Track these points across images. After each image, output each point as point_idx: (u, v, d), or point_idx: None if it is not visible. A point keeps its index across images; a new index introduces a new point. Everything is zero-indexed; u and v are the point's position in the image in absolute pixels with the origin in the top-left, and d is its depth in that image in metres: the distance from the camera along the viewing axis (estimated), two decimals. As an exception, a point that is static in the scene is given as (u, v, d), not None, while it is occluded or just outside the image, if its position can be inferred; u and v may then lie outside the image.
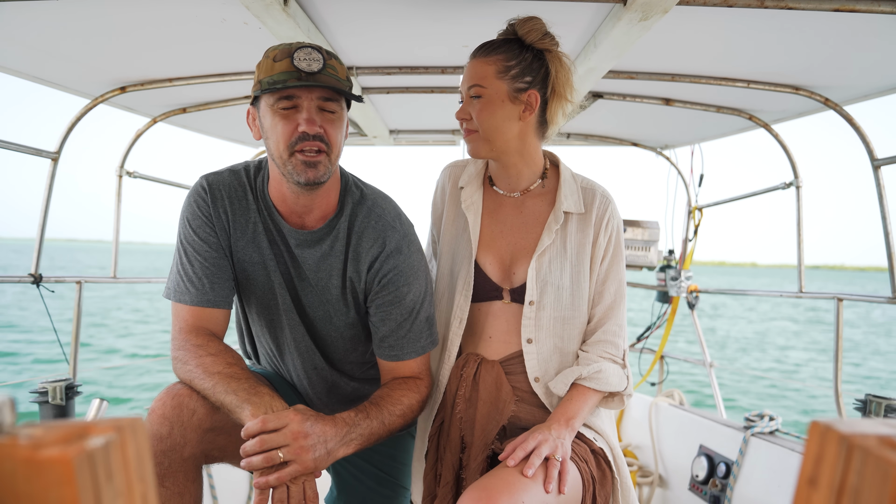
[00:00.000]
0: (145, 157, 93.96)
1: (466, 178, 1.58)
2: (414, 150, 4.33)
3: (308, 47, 1.26)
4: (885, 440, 0.32)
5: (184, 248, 1.40)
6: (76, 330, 2.59)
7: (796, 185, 2.82)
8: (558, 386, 1.43)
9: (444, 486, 1.43)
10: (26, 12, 1.69)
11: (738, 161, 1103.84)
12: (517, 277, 1.48)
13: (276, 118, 1.28)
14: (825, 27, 1.70)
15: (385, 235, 1.43)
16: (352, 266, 1.44)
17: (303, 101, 1.27)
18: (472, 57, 1.43)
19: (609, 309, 1.48)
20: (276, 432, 1.16)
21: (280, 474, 1.15)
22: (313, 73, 1.24)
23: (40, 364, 10.87)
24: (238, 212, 1.41)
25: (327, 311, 1.48)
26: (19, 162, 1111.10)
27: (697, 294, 3.54)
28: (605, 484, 1.39)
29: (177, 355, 1.34)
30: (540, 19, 1.40)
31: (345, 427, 1.26)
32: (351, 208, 1.44)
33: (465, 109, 1.43)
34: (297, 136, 1.26)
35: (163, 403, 1.26)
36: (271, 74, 1.25)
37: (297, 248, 1.43)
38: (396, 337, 1.45)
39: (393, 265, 1.42)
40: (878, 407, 2.15)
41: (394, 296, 1.43)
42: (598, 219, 1.48)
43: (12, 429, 0.32)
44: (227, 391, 1.23)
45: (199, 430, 1.27)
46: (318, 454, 1.20)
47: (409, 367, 1.48)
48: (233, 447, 1.34)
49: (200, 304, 1.37)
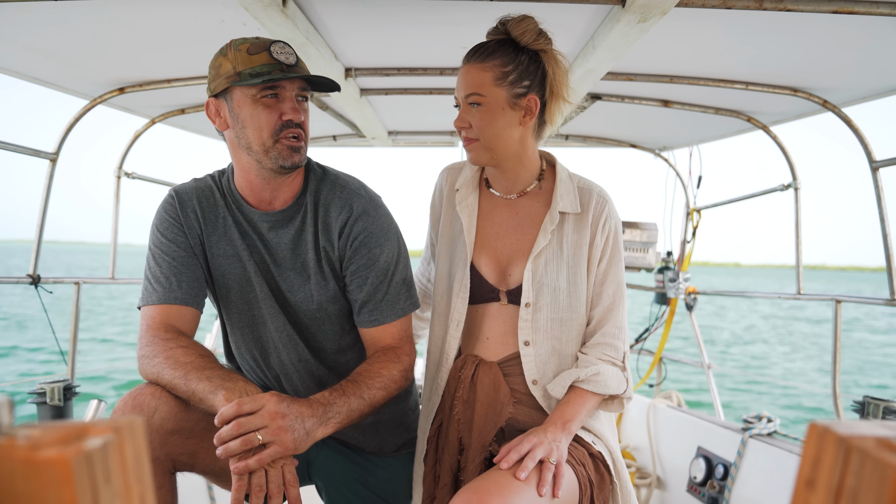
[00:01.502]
0: (144, 158, 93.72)
1: (462, 180, 1.57)
2: (412, 151, 4.34)
3: (279, 42, 1.35)
4: (883, 442, 0.32)
5: (152, 254, 1.42)
6: (74, 331, 2.58)
7: (794, 187, 2.83)
8: (556, 388, 1.42)
9: (443, 487, 1.42)
10: (25, 13, 1.69)
11: (736, 163, 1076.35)
12: (513, 279, 1.47)
13: (259, 108, 1.32)
14: (824, 29, 1.71)
15: (351, 201, 1.46)
16: (323, 236, 1.45)
17: (286, 92, 1.34)
18: (466, 62, 1.40)
19: (608, 310, 1.46)
20: (253, 414, 1.14)
21: (260, 456, 1.13)
22: (292, 66, 1.32)
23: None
24: (207, 210, 1.45)
25: (308, 291, 1.47)
26: (16, 163, 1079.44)
27: (696, 296, 3.54)
28: (603, 488, 1.37)
29: (144, 353, 1.30)
30: (533, 18, 1.37)
31: (320, 407, 1.24)
32: (315, 184, 1.48)
33: (464, 118, 1.40)
34: (282, 123, 1.33)
35: (123, 404, 1.24)
36: (252, 66, 1.29)
37: (269, 233, 1.45)
38: (375, 301, 1.45)
39: (362, 227, 1.44)
40: (876, 409, 2.15)
41: (367, 259, 1.44)
42: (595, 219, 1.45)
43: (10, 429, 0.32)
44: (200, 378, 1.21)
45: (160, 431, 1.23)
46: (297, 434, 1.18)
47: (389, 333, 1.47)
48: (203, 452, 1.31)
49: (168, 301, 1.36)
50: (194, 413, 1.27)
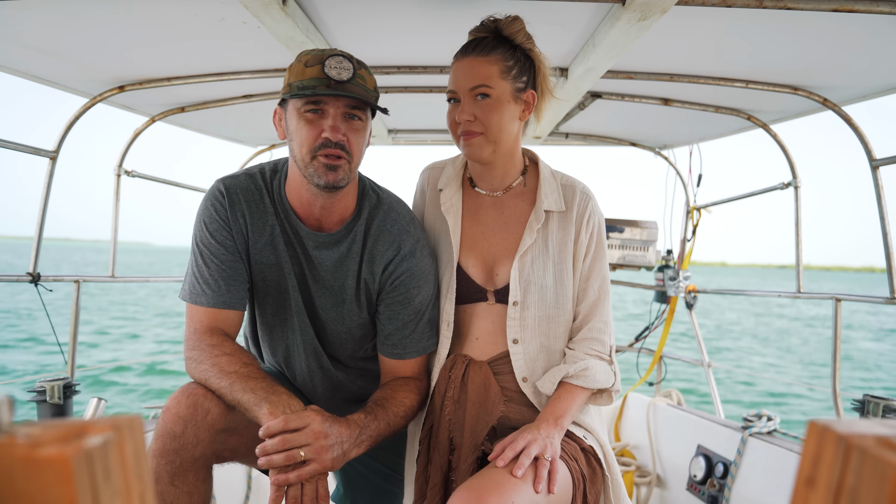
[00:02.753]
0: (144, 157, 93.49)
1: (445, 179, 1.58)
2: (412, 149, 4.34)
3: (339, 55, 1.30)
4: (883, 440, 0.32)
5: (199, 251, 1.42)
6: (74, 329, 2.58)
7: (794, 186, 2.82)
8: (545, 385, 1.44)
9: (433, 487, 1.43)
10: (25, 11, 1.69)
11: (736, 161, 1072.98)
12: (500, 278, 1.48)
13: (302, 122, 1.31)
14: (824, 27, 1.70)
15: (401, 239, 1.46)
16: (366, 268, 1.47)
17: (329, 108, 1.30)
18: (466, 55, 1.41)
19: (593, 306, 1.49)
20: (298, 432, 1.19)
21: (300, 472, 1.18)
22: (342, 82, 1.28)
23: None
24: (256, 214, 1.43)
25: (340, 313, 1.50)
26: (15, 161, 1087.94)
27: (696, 294, 3.54)
28: (595, 482, 1.39)
29: (191, 355, 1.35)
30: (522, 19, 1.41)
31: (357, 428, 1.29)
32: (368, 212, 1.47)
33: (469, 110, 1.39)
34: (321, 142, 1.30)
35: (178, 402, 1.27)
36: (301, 79, 1.28)
37: (314, 251, 1.45)
38: (401, 336, 1.49)
39: (406, 268, 1.46)
40: (876, 407, 2.15)
41: (404, 297, 1.47)
42: (580, 216, 1.48)
43: (10, 428, 0.32)
44: (245, 389, 1.25)
45: (211, 430, 1.28)
46: (336, 454, 1.23)
47: (409, 366, 1.52)
48: (244, 448, 1.37)
49: (216, 305, 1.39)
50: (239, 412, 1.31)
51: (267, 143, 3.71)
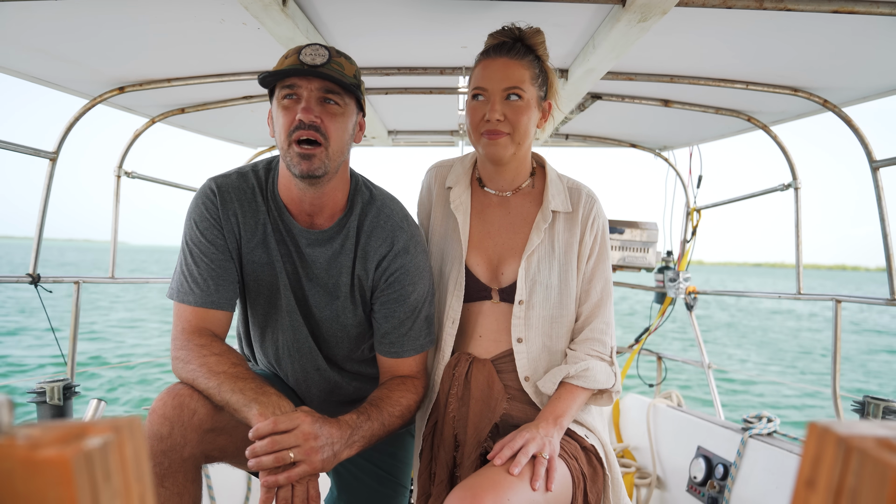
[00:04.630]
0: (144, 158, 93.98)
1: (454, 178, 1.59)
2: (412, 150, 4.37)
3: (317, 45, 1.31)
4: (883, 442, 0.32)
5: (189, 249, 1.40)
6: (74, 330, 2.58)
7: (795, 187, 2.82)
8: (546, 385, 1.45)
9: (439, 484, 1.44)
10: (26, 12, 1.69)
11: (736, 162, 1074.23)
12: (505, 277, 1.49)
13: (280, 109, 1.31)
14: (824, 29, 1.71)
15: (394, 235, 1.45)
16: (360, 264, 1.46)
17: (303, 91, 1.30)
18: (500, 55, 1.41)
19: (596, 307, 1.50)
20: (288, 433, 1.17)
21: (289, 474, 1.17)
22: (315, 66, 1.28)
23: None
24: (248, 214, 1.42)
25: (335, 311, 1.49)
26: (15, 162, 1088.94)
27: (696, 295, 3.54)
28: (596, 481, 1.40)
29: (178, 355, 1.33)
30: (543, 32, 1.44)
31: (348, 429, 1.28)
32: (360, 208, 1.46)
33: (500, 109, 1.40)
34: (295, 124, 1.29)
35: (163, 403, 1.26)
36: (279, 68, 1.30)
37: (307, 248, 1.44)
38: (398, 334, 1.48)
39: (400, 264, 1.45)
40: (877, 409, 2.15)
41: (399, 294, 1.46)
42: (585, 217, 1.51)
43: (10, 429, 0.32)
44: (233, 390, 1.24)
45: (199, 430, 1.27)
46: (326, 455, 1.22)
47: (407, 364, 1.51)
48: (233, 447, 1.35)
49: (204, 305, 1.38)
50: (227, 412, 1.30)
51: (267, 145, 3.71)
